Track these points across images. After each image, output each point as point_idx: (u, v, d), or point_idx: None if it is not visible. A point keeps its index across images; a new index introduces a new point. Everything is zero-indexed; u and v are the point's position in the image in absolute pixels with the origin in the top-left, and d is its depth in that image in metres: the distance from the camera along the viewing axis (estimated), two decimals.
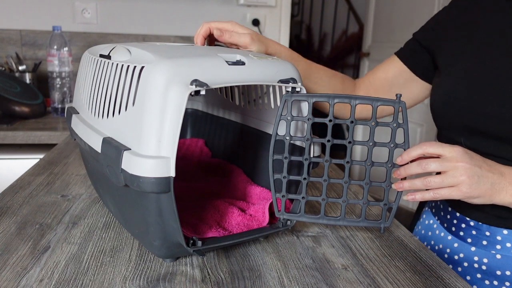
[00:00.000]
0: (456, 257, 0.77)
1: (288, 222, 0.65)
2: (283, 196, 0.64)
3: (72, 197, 0.81)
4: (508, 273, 0.71)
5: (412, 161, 0.63)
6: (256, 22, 2.21)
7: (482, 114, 0.69)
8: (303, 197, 0.64)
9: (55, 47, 1.65)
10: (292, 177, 0.64)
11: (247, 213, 0.67)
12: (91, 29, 2.01)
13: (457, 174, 0.60)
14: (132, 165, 0.51)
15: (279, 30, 2.26)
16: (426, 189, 0.62)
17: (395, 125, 0.61)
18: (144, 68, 0.54)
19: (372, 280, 0.58)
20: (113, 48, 0.65)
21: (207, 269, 0.59)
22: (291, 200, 0.67)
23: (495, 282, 0.72)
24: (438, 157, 0.62)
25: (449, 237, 0.79)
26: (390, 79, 0.91)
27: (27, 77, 1.83)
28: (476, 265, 0.74)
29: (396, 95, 0.61)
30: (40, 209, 0.75)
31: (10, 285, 0.53)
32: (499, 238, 0.72)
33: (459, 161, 0.60)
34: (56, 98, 1.71)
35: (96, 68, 0.65)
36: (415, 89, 0.90)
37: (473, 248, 0.74)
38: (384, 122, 0.62)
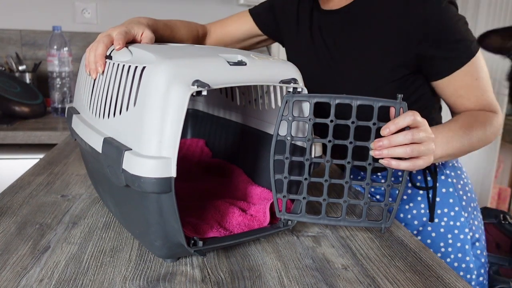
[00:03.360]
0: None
1: (289, 222, 0.65)
2: (284, 196, 0.64)
3: (72, 197, 0.81)
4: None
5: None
6: None
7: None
8: (304, 198, 0.64)
9: (55, 47, 1.65)
10: (293, 178, 0.64)
11: (248, 213, 0.67)
12: (91, 29, 2.01)
13: (432, 142, 0.63)
14: (133, 165, 0.51)
15: None
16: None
17: None
18: (145, 69, 0.54)
19: (372, 280, 0.58)
20: (114, 49, 0.65)
21: (207, 269, 0.59)
22: (292, 200, 0.67)
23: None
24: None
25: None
26: (242, 35, 1.03)
27: (27, 77, 1.82)
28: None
29: (397, 95, 0.61)
30: (40, 209, 0.75)
31: (10, 285, 0.53)
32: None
33: (429, 129, 0.63)
34: (56, 98, 1.71)
35: None
36: (264, 44, 1.07)
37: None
38: (384, 122, 0.62)
